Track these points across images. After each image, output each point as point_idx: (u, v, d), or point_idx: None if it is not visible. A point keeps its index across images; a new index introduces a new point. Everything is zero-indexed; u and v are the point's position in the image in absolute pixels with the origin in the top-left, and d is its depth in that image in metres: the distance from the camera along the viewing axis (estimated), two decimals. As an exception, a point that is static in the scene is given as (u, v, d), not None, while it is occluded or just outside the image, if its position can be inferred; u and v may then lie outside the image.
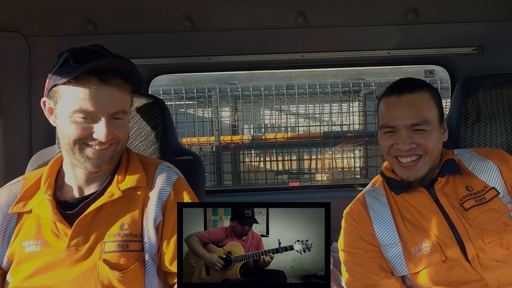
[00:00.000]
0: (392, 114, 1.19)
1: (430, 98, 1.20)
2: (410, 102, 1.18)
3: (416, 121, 1.17)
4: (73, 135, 1.04)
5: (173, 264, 1.11)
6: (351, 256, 1.25)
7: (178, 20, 1.58)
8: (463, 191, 1.21)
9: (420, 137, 1.17)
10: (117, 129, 1.08)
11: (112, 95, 1.05)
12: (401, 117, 1.17)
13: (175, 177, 1.18)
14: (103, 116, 1.04)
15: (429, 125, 1.17)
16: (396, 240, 1.20)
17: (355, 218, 1.27)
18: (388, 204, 1.26)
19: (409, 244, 1.18)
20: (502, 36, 1.69)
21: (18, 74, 1.63)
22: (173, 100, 3.74)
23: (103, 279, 1.04)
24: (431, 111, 1.19)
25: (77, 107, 1.02)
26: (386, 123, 1.21)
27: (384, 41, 1.72)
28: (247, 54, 1.73)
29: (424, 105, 1.18)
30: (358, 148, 4.04)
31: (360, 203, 1.30)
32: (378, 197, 1.29)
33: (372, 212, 1.26)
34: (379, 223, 1.24)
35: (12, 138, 1.65)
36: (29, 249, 1.06)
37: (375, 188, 1.33)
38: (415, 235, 1.18)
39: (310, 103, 3.93)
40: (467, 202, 1.18)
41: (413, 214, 1.21)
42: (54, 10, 1.51)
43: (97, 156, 1.07)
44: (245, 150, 4.00)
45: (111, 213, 1.10)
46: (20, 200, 1.11)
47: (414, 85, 1.20)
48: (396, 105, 1.19)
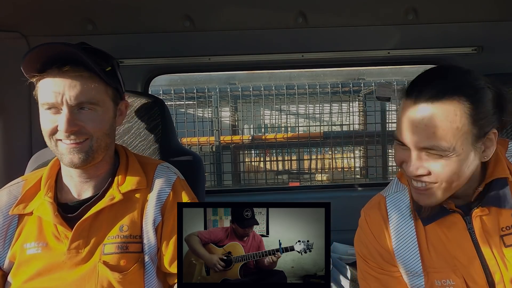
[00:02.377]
0: (404, 126, 0.90)
1: (461, 110, 0.85)
2: (426, 115, 0.86)
3: (428, 145, 0.87)
4: (44, 130, 1.05)
5: (172, 265, 1.11)
6: (368, 267, 1.09)
7: (178, 20, 1.57)
8: (508, 219, 0.95)
9: (433, 162, 0.88)
10: (85, 122, 1.04)
11: (73, 85, 1.01)
12: (411, 133, 0.88)
13: (174, 178, 1.18)
14: (64, 106, 1.01)
15: (448, 152, 0.86)
16: (419, 270, 1.00)
17: (373, 231, 1.07)
18: (414, 222, 1.02)
19: (432, 276, 1.00)
20: (502, 36, 1.69)
21: (18, 74, 1.63)
22: (173, 100, 3.74)
23: (103, 281, 1.04)
24: (457, 131, 0.85)
25: (42, 100, 1.03)
26: (397, 135, 0.94)
27: (384, 41, 1.72)
28: (247, 54, 1.72)
29: (446, 123, 0.85)
30: (358, 148, 4.04)
31: (380, 213, 1.07)
32: (402, 208, 1.05)
33: (393, 229, 1.04)
34: (400, 244, 1.03)
35: (12, 138, 1.65)
36: (30, 251, 1.06)
37: (399, 189, 1.08)
38: (440, 268, 0.99)
39: (310, 103, 3.93)
40: (509, 236, 0.94)
41: (442, 241, 1.00)
42: (54, 10, 1.51)
43: (69, 151, 1.04)
44: (245, 150, 4.00)
45: (111, 216, 1.10)
46: (21, 202, 1.11)
47: (439, 90, 0.86)
48: (410, 115, 0.89)
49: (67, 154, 1.04)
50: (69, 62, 1.02)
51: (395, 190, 1.10)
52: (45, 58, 1.01)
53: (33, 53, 0.99)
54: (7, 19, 1.53)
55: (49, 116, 1.03)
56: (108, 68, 1.09)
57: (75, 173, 1.11)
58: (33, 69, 1.02)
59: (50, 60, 1.01)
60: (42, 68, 1.02)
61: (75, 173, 1.11)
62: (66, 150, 1.04)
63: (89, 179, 1.12)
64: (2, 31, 1.57)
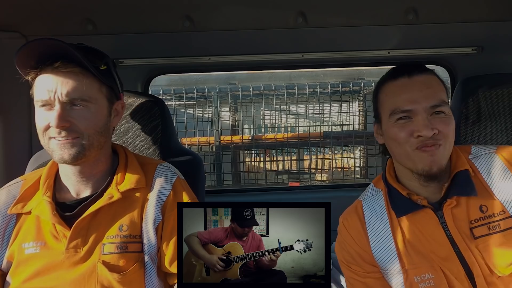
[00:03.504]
0: (407, 96, 1.01)
1: (440, 81, 1.07)
2: (425, 82, 1.02)
3: (437, 102, 1.00)
4: (38, 127, 1.05)
5: (173, 264, 1.11)
6: (352, 273, 1.13)
7: (178, 20, 1.57)
8: (476, 212, 1.02)
9: (439, 121, 1.00)
10: (77, 119, 1.04)
11: (65, 81, 1.02)
12: (418, 99, 1.00)
13: (174, 177, 1.18)
14: (56, 102, 1.02)
15: (448, 107, 1.02)
16: (397, 268, 1.05)
17: (351, 233, 1.13)
18: (389, 220, 1.09)
19: (411, 272, 1.04)
20: (502, 36, 1.69)
21: (18, 74, 1.63)
22: (173, 100, 3.73)
23: (102, 281, 1.04)
24: (444, 94, 1.04)
25: (37, 98, 1.05)
26: (400, 107, 1.02)
27: (384, 41, 1.71)
28: (247, 54, 1.72)
29: (438, 86, 1.04)
30: (358, 148, 4.04)
31: (357, 216, 1.14)
32: (377, 209, 1.12)
33: (370, 229, 1.11)
34: (377, 243, 1.09)
35: (12, 138, 1.65)
36: (28, 251, 1.06)
37: (375, 193, 1.17)
38: (418, 263, 1.03)
39: (310, 103, 3.93)
40: (478, 228, 1.01)
41: (418, 237, 1.05)
42: (54, 10, 1.50)
43: (60, 147, 1.04)
44: (245, 150, 3.99)
45: (110, 215, 1.10)
46: (19, 201, 1.11)
47: (423, 68, 1.06)
48: (409, 86, 1.02)
49: (58, 150, 1.04)
50: (62, 58, 1.03)
51: (371, 194, 1.18)
52: (38, 55, 1.02)
53: (25, 49, 1.00)
54: (7, 19, 1.53)
55: (42, 114, 1.04)
56: (103, 66, 1.10)
57: (71, 171, 1.11)
58: (28, 66, 1.04)
59: (43, 57, 1.03)
60: (37, 66, 1.04)
61: (71, 171, 1.11)
62: (57, 146, 1.04)
63: (85, 178, 1.12)
64: (2, 31, 1.57)
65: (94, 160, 1.11)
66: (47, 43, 1.01)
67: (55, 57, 1.02)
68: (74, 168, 1.10)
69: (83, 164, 1.09)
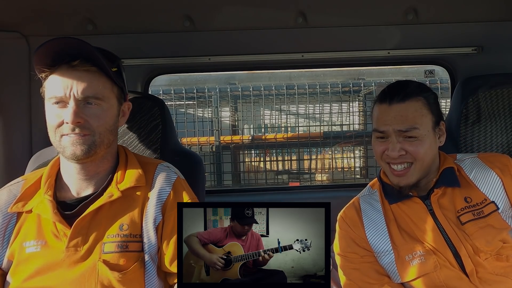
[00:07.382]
0: (383, 119, 1.19)
1: (424, 105, 1.18)
2: (400, 111, 1.17)
3: (404, 128, 1.15)
4: (50, 124, 1.07)
5: (173, 264, 1.11)
6: (347, 261, 1.24)
7: (178, 20, 1.58)
8: (461, 202, 1.18)
9: (409, 144, 1.16)
10: (90, 117, 1.06)
11: (81, 79, 1.05)
12: (390, 123, 1.17)
13: (174, 177, 1.18)
14: (71, 99, 1.04)
15: (419, 131, 1.15)
16: (389, 248, 1.19)
17: (348, 223, 1.26)
18: (383, 211, 1.24)
19: (402, 251, 1.17)
20: (502, 36, 1.69)
21: (18, 74, 1.63)
22: (173, 100, 3.74)
23: (103, 280, 1.04)
24: (423, 118, 1.17)
25: (50, 94, 1.06)
26: (377, 127, 1.20)
27: (384, 41, 1.72)
28: (247, 54, 1.72)
29: (415, 113, 1.17)
30: (358, 148, 4.04)
31: (354, 208, 1.29)
32: (373, 203, 1.28)
33: (366, 217, 1.25)
34: (371, 229, 1.23)
35: (12, 138, 1.65)
36: (29, 249, 1.06)
37: (371, 192, 1.32)
38: (410, 242, 1.17)
39: (310, 103, 3.94)
40: (464, 215, 1.16)
41: (408, 224, 1.20)
42: (54, 10, 1.51)
43: (72, 143, 1.05)
44: (245, 150, 4.00)
45: (110, 214, 1.10)
46: (20, 200, 1.11)
47: (406, 93, 1.18)
48: (386, 112, 1.18)
49: (70, 146, 1.05)
50: (78, 57, 1.05)
51: (368, 193, 1.33)
52: (55, 53, 1.04)
53: (44, 47, 1.02)
54: (7, 19, 1.54)
55: (55, 111, 1.06)
56: (114, 68, 1.13)
57: (75, 170, 1.11)
58: (44, 64, 1.05)
59: (59, 55, 1.05)
60: (53, 64, 1.05)
61: (75, 170, 1.11)
62: (69, 143, 1.05)
63: (88, 176, 1.12)
64: (2, 31, 1.57)
65: (101, 158, 1.12)
66: (69, 43, 1.04)
67: (70, 56, 1.05)
68: (79, 166, 1.10)
69: (90, 162, 1.10)
